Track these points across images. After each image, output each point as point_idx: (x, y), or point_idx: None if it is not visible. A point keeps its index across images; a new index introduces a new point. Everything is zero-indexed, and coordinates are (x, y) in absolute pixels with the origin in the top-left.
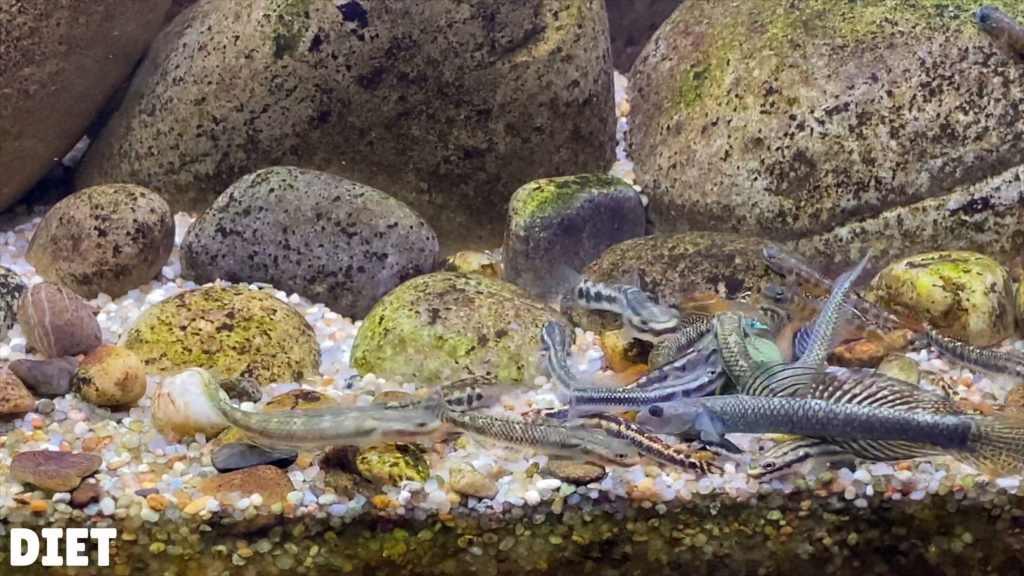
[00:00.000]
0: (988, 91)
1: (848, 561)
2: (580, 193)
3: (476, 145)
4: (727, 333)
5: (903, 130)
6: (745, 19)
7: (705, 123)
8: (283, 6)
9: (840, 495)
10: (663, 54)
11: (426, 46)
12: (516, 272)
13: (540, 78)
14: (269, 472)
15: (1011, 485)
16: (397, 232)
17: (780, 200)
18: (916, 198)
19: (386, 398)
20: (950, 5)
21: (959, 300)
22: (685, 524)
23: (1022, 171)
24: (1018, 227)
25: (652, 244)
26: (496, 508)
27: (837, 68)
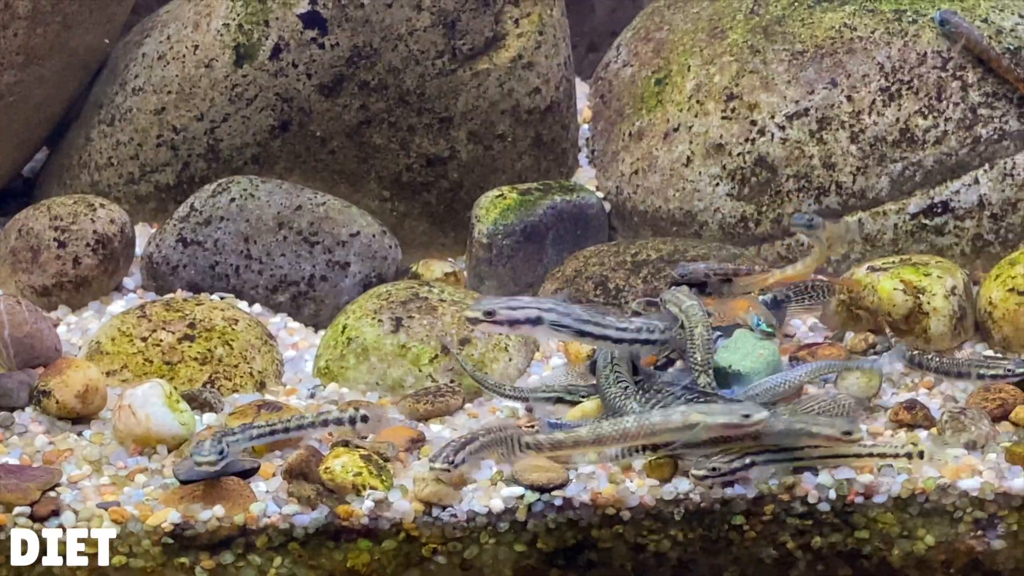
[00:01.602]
0: (947, 95)
1: (812, 565)
2: (543, 200)
3: (438, 153)
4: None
5: (863, 135)
6: (705, 25)
7: (667, 129)
8: (242, 15)
9: (803, 499)
10: (624, 60)
11: (387, 54)
12: (479, 279)
13: (502, 85)
14: (231, 483)
15: (972, 487)
16: (359, 241)
17: (742, 205)
18: (876, 202)
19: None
20: (908, 10)
21: (920, 304)
22: (649, 530)
23: (981, 174)
24: (978, 230)
25: (615, 250)
26: (460, 516)
27: (797, 73)
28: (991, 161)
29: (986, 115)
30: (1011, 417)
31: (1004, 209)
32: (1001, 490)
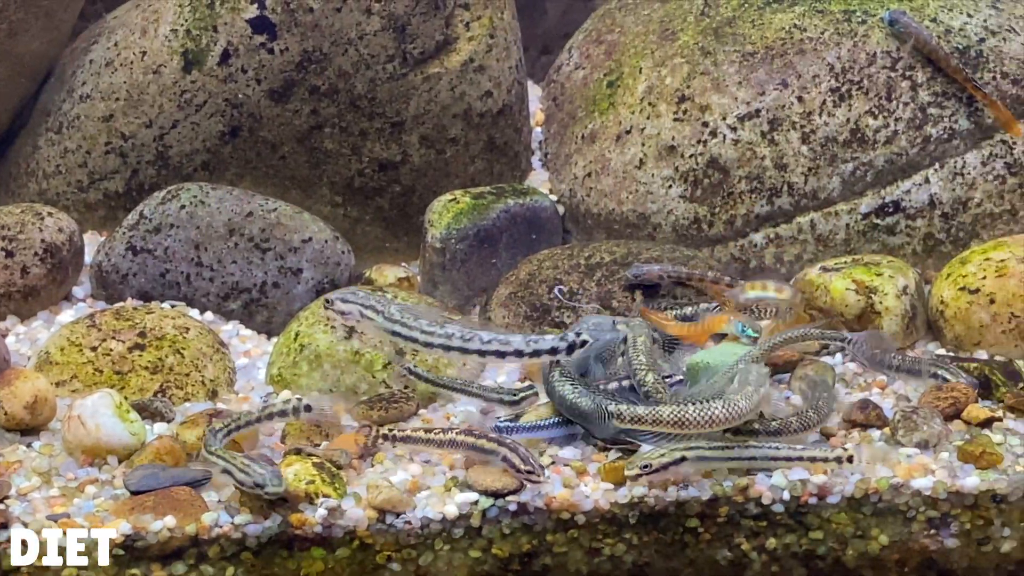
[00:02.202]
0: (897, 95)
1: (767, 566)
2: (496, 204)
3: (390, 157)
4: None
5: (814, 135)
6: (656, 27)
7: (619, 131)
8: (191, 20)
9: (757, 500)
10: (576, 63)
11: (337, 59)
12: (433, 284)
13: (453, 89)
14: (182, 493)
15: (925, 486)
16: (312, 247)
17: (695, 207)
18: (828, 202)
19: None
20: (858, 10)
21: (872, 303)
22: (604, 534)
23: (932, 174)
24: (929, 229)
25: (569, 254)
26: (414, 523)
27: (748, 75)
28: (941, 160)
29: (936, 115)
30: (963, 416)
31: (955, 208)
32: (954, 489)
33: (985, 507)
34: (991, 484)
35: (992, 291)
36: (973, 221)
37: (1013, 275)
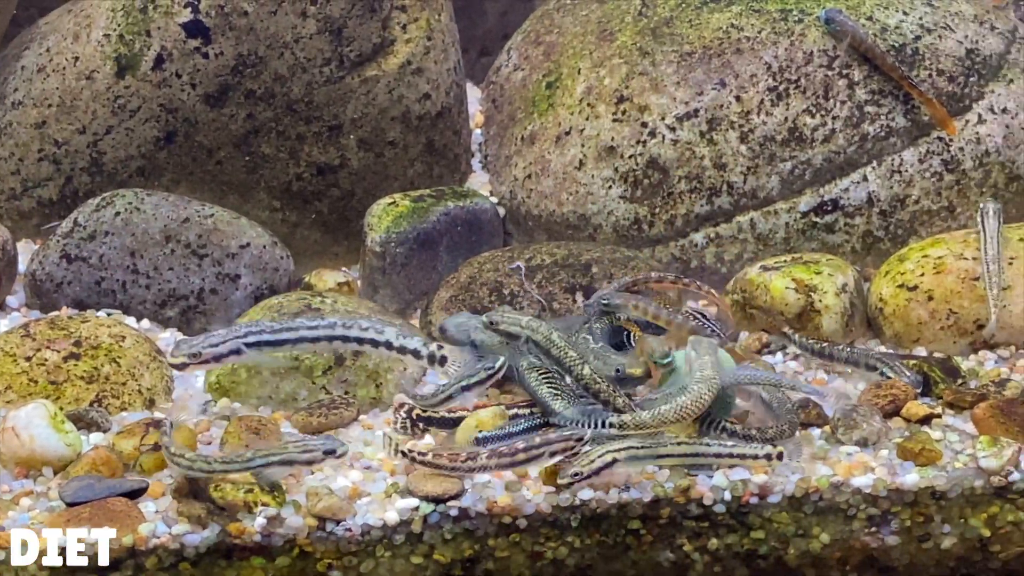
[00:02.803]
0: (834, 93)
1: (709, 566)
2: (436, 207)
3: (328, 161)
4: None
5: (752, 134)
6: (594, 28)
7: (559, 132)
8: (123, 25)
9: (699, 501)
10: (515, 64)
11: (273, 62)
12: (374, 288)
13: (391, 92)
14: (119, 504)
15: (865, 484)
16: (250, 252)
17: (635, 207)
18: (768, 201)
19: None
20: (794, 9)
21: (811, 302)
22: (547, 537)
23: (869, 172)
24: (867, 227)
25: (509, 256)
26: (355, 530)
27: (686, 75)
28: (879, 158)
29: (873, 112)
30: (903, 413)
31: (893, 205)
32: (893, 486)
33: (925, 504)
34: (930, 481)
35: (930, 288)
36: (911, 218)
37: (951, 272)
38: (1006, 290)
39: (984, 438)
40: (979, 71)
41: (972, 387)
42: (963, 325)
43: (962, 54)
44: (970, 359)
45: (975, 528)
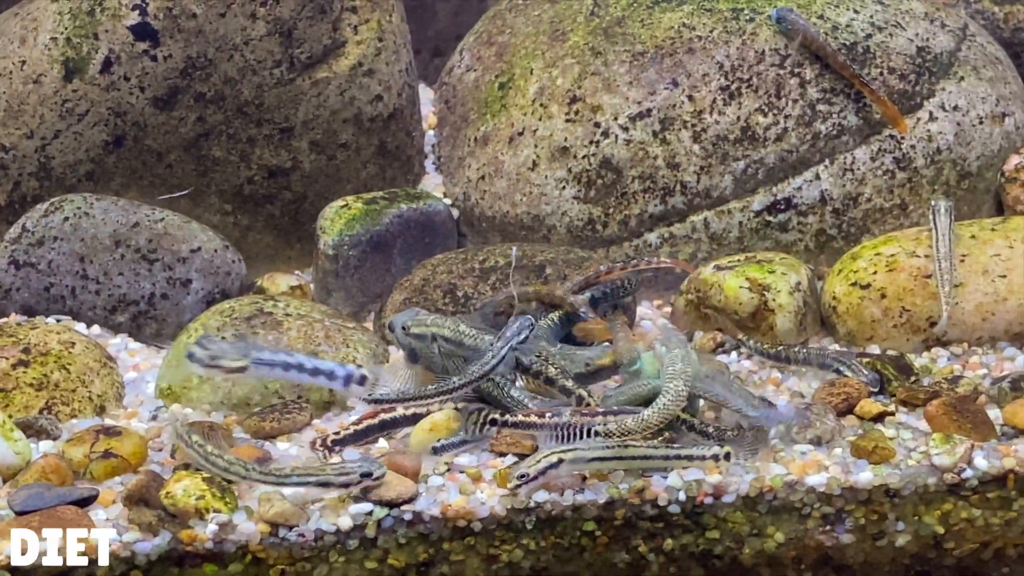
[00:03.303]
0: (786, 92)
1: (665, 567)
2: (389, 209)
3: (280, 164)
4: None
5: (705, 134)
6: (547, 28)
7: (511, 133)
8: (71, 28)
9: (653, 502)
10: (467, 65)
11: (222, 64)
12: (327, 292)
13: (342, 94)
14: (69, 512)
15: (819, 482)
16: (201, 256)
17: (589, 208)
18: (721, 201)
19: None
20: (746, 8)
21: (765, 301)
22: (502, 540)
23: (822, 170)
24: (820, 225)
25: (463, 258)
26: (308, 536)
27: (638, 74)
28: (831, 156)
29: (825, 111)
30: (856, 411)
31: (845, 204)
32: (847, 484)
33: (879, 502)
34: (884, 479)
35: (883, 286)
36: (864, 216)
37: (903, 270)
38: (958, 287)
39: (937, 435)
40: (930, 69)
41: (925, 384)
42: (916, 323)
43: (913, 52)
44: (923, 356)
45: (929, 525)
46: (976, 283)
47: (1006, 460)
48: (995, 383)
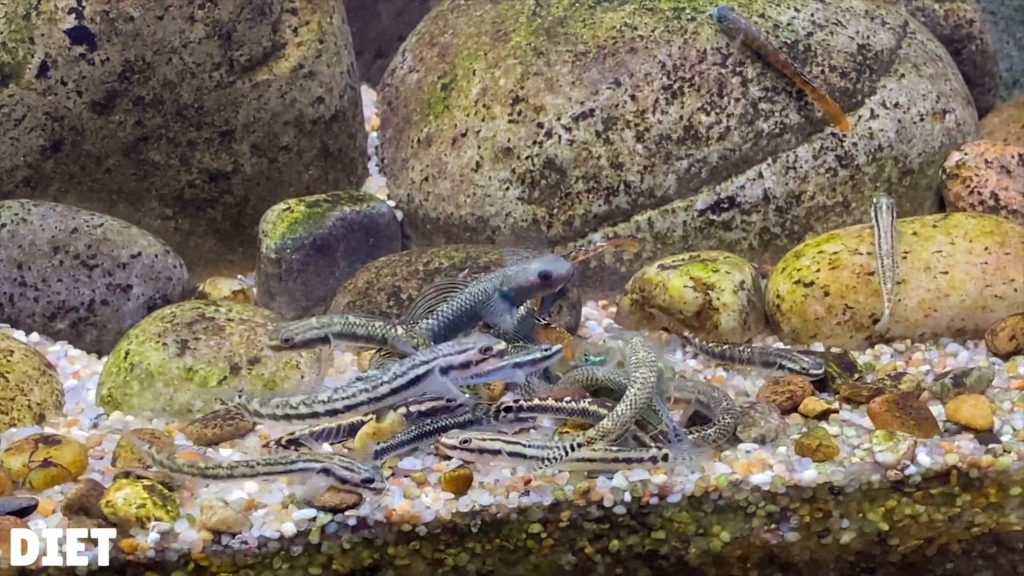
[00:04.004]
0: (728, 91)
1: (611, 568)
2: (332, 212)
3: (221, 168)
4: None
5: (648, 133)
6: (489, 28)
7: (455, 134)
8: (6, 32)
9: (599, 503)
10: (410, 66)
11: (161, 68)
12: (270, 296)
13: (283, 96)
14: (6, 522)
15: (764, 481)
16: (141, 262)
17: (533, 208)
18: (665, 200)
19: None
20: (687, 8)
21: (710, 300)
22: (447, 544)
23: (765, 168)
24: (764, 224)
25: (407, 260)
26: (251, 543)
27: (581, 74)
28: (774, 155)
29: (767, 110)
30: (800, 409)
31: (788, 202)
32: (792, 483)
33: (823, 499)
34: (828, 476)
35: (826, 283)
36: (807, 214)
37: (846, 267)
38: (900, 284)
39: (880, 432)
40: (871, 66)
41: (868, 381)
42: (859, 320)
43: (854, 50)
44: (866, 353)
45: (873, 522)
46: (918, 280)
47: (949, 456)
48: (937, 379)
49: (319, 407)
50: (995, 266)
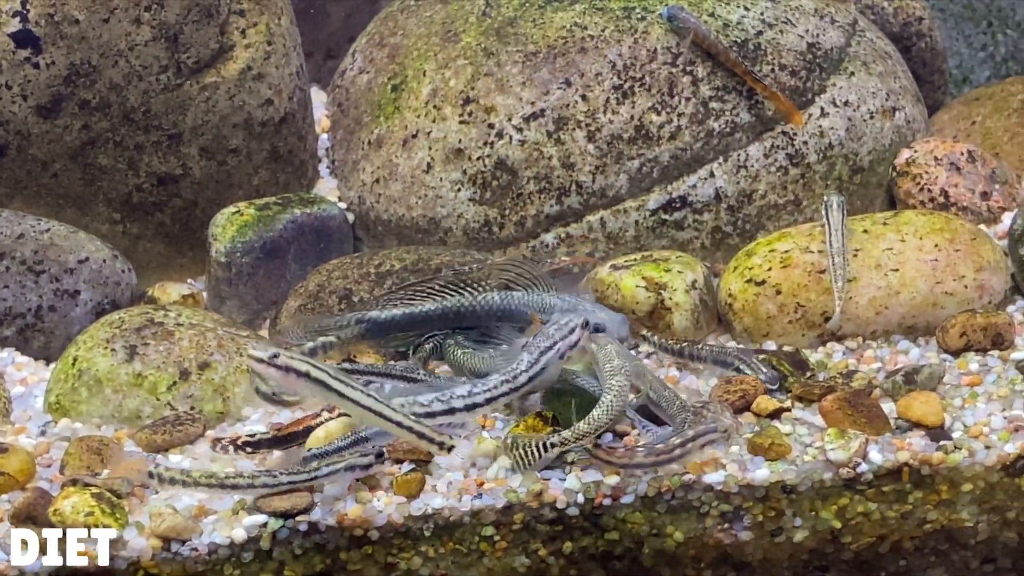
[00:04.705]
0: (679, 91)
1: (565, 570)
2: (282, 214)
3: (169, 171)
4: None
5: (599, 133)
6: (439, 29)
7: (405, 136)
8: None
9: (552, 505)
10: (360, 67)
11: (107, 71)
12: (220, 300)
13: (232, 98)
14: None
15: (717, 480)
16: (89, 267)
17: (485, 210)
18: (617, 200)
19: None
20: (637, 7)
21: (662, 299)
22: (400, 548)
23: (716, 167)
24: (716, 223)
25: (358, 262)
26: (201, 550)
27: (531, 75)
28: (725, 154)
29: (718, 108)
30: (752, 408)
31: (740, 201)
32: (744, 482)
33: (776, 498)
34: (780, 475)
35: (778, 282)
36: (758, 213)
37: (797, 265)
38: (851, 282)
39: (832, 430)
40: (820, 65)
41: (820, 380)
42: (811, 318)
43: (803, 48)
44: (818, 352)
45: (826, 520)
46: (869, 277)
47: (900, 454)
48: (889, 377)
49: (457, 402)
50: (945, 263)
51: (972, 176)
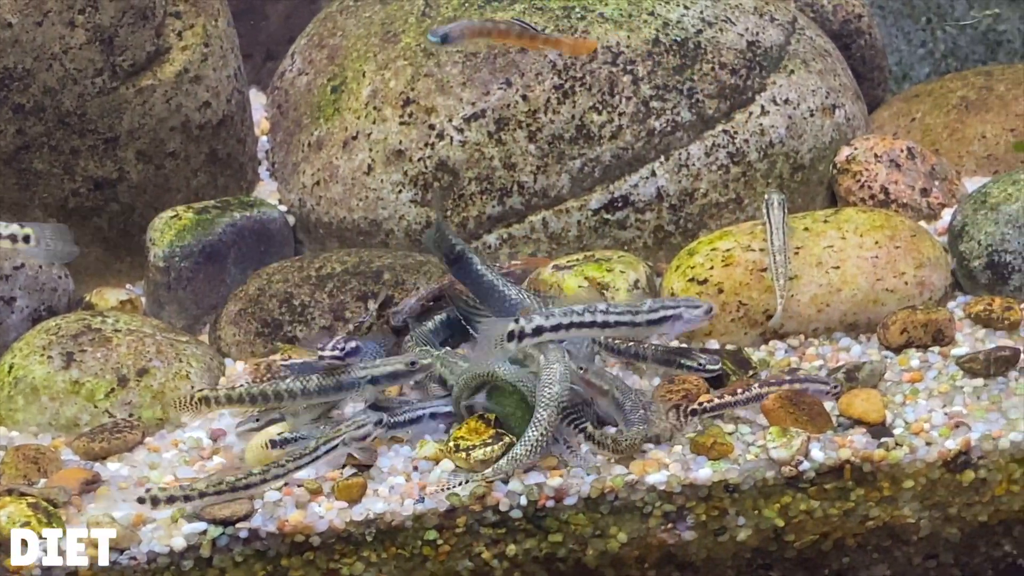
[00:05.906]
0: (619, 90)
1: (509, 573)
2: (221, 218)
3: (106, 175)
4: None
5: (540, 133)
6: (378, 29)
7: (346, 137)
8: None
9: (495, 508)
10: (299, 69)
11: (41, 75)
12: (159, 305)
13: (169, 101)
14: None
15: (659, 481)
16: (24, 273)
17: (427, 211)
18: (559, 200)
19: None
20: (576, 6)
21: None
22: (342, 554)
23: (658, 167)
24: (658, 222)
25: (299, 265)
26: (140, 558)
27: (471, 75)
28: (666, 153)
29: (658, 108)
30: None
31: (682, 200)
32: (687, 482)
33: (719, 497)
34: (723, 474)
35: (720, 281)
36: (700, 212)
37: (739, 264)
38: (793, 280)
39: (774, 429)
40: (760, 63)
41: (763, 378)
42: (753, 316)
43: (743, 46)
44: (761, 350)
45: (769, 519)
46: (810, 275)
47: (842, 451)
48: (831, 374)
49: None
50: (885, 260)
51: (912, 173)
